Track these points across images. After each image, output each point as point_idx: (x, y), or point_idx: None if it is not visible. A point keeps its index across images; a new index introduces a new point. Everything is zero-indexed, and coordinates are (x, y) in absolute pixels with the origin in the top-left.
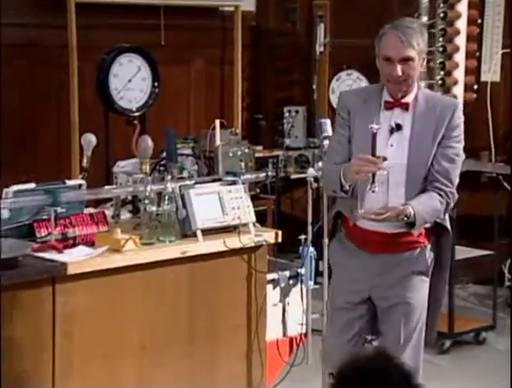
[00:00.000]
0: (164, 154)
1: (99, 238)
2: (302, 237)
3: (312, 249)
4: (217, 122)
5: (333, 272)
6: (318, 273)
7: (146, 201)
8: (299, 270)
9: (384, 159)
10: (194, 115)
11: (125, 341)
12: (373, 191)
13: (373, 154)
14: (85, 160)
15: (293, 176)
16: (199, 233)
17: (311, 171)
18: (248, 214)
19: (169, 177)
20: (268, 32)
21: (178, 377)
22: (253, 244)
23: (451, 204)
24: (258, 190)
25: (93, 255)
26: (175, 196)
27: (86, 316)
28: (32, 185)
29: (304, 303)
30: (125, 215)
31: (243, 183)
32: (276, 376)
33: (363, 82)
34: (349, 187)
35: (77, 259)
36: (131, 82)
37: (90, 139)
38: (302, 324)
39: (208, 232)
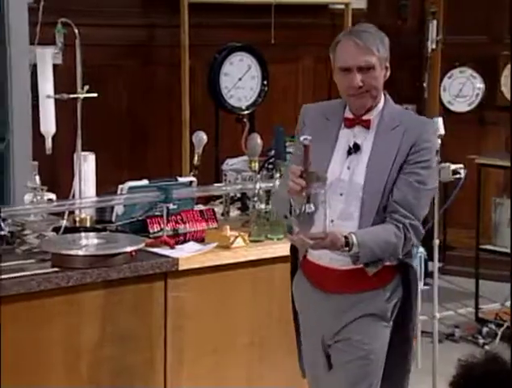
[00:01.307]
0: (272, 152)
1: (209, 235)
2: None
3: (422, 249)
4: None
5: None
6: (428, 274)
7: (255, 199)
8: None
9: (319, 178)
10: None
11: (234, 337)
12: (308, 213)
13: (305, 170)
14: (196, 158)
15: None
16: None
17: None
18: None
19: (278, 175)
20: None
21: (286, 376)
22: None
23: (413, 240)
24: None
25: (203, 252)
26: None
27: (196, 311)
28: (145, 182)
29: None
30: (234, 212)
31: None
32: None
33: (477, 80)
34: None
35: (187, 254)
36: (241, 80)
37: (202, 137)
38: None
39: None
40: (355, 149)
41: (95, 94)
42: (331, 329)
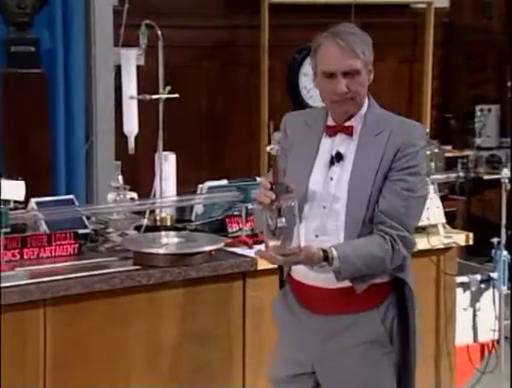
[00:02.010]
0: None
1: None
2: (495, 240)
3: (505, 253)
4: None
5: (277, 333)
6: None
7: None
8: (491, 274)
9: (289, 190)
10: None
11: None
12: (280, 228)
13: (275, 182)
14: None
15: (486, 177)
16: None
17: (505, 172)
18: (437, 215)
19: None
20: (462, 29)
21: None
22: (442, 246)
23: (403, 252)
24: (447, 190)
25: None
26: None
27: None
28: (225, 182)
29: (497, 309)
30: None
31: (432, 184)
32: (466, 382)
33: None
34: None
35: None
36: None
37: None
38: (494, 330)
39: None
40: (338, 158)
41: (177, 95)
42: (320, 354)
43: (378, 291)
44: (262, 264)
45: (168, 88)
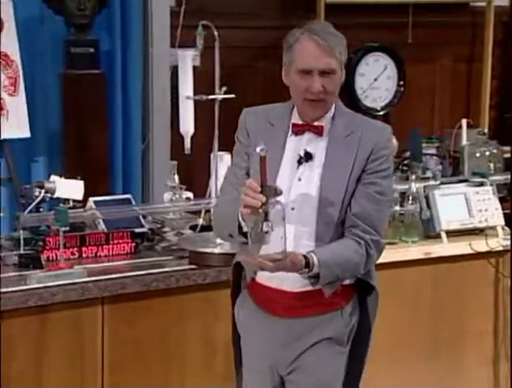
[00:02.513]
0: (407, 153)
1: None
2: None
3: None
4: (464, 121)
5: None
6: None
7: None
8: None
9: (278, 192)
10: (438, 114)
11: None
12: (266, 232)
13: (262, 184)
14: None
15: None
16: (443, 234)
17: None
18: (496, 217)
19: (414, 177)
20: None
21: (421, 380)
22: (501, 248)
23: (375, 256)
24: (506, 192)
25: None
26: (419, 196)
27: None
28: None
29: None
30: None
31: (491, 185)
32: None
33: None
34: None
35: None
36: (376, 80)
37: None
38: None
39: (453, 234)
40: (307, 158)
41: (233, 96)
42: (284, 359)
43: (344, 293)
44: None
45: (224, 88)
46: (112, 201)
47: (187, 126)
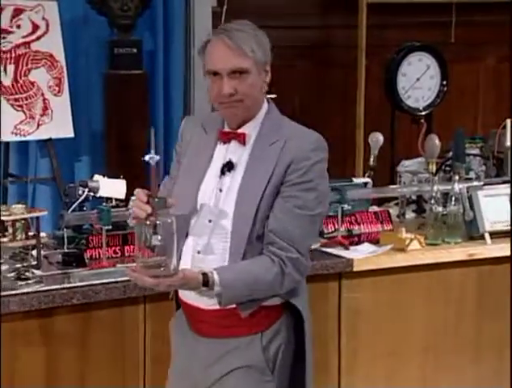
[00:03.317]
0: (450, 154)
1: (384, 237)
2: None
3: None
4: (508, 121)
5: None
6: None
7: (432, 201)
8: None
9: (168, 205)
10: (482, 114)
11: (408, 341)
12: (154, 246)
13: (151, 195)
14: (371, 159)
15: None
16: (487, 235)
17: None
18: None
19: (457, 177)
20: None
21: (465, 382)
22: None
23: (295, 275)
24: None
25: (378, 253)
26: (462, 197)
27: (370, 313)
28: None
29: None
30: (409, 214)
31: None
32: None
33: None
34: None
35: (362, 256)
36: (419, 80)
37: (378, 138)
38: None
39: (497, 235)
40: (229, 167)
41: (274, 96)
42: (206, 380)
43: (266, 314)
44: (359, 266)
45: None
46: None
47: None
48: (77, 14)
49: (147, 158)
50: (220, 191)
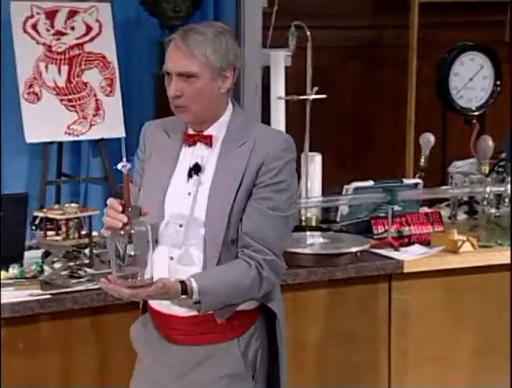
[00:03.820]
0: (503, 155)
1: (435, 238)
2: None
3: None
4: None
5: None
6: None
7: (485, 203)
8: None
9: (142, 213)
10: None
11: (459, 344)
12: (130, 256)
13: (125, 204)
14: (422, 159)
15: None
16: None
17: None
18: None
19: (510, 178)
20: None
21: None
22: None
23: (271, 278)
24: None
25: (428, 255)
26: None
27: (421, 315)
28: (371, 183)
29: None
30: (461, 216)
31: None
32: None
33: None
34: None
35: (413, 257)
36: (472, 80)
37: (429, 138)
38: None
39: None
40: (196, 170)
41: (325, 96)
42: None
43: (241, 319)
44: (409, 267)
45: (315, 89)
46: None
47: (278, 126)
48: (129, 15)
49: (119, 166)
50: (189, 194)
